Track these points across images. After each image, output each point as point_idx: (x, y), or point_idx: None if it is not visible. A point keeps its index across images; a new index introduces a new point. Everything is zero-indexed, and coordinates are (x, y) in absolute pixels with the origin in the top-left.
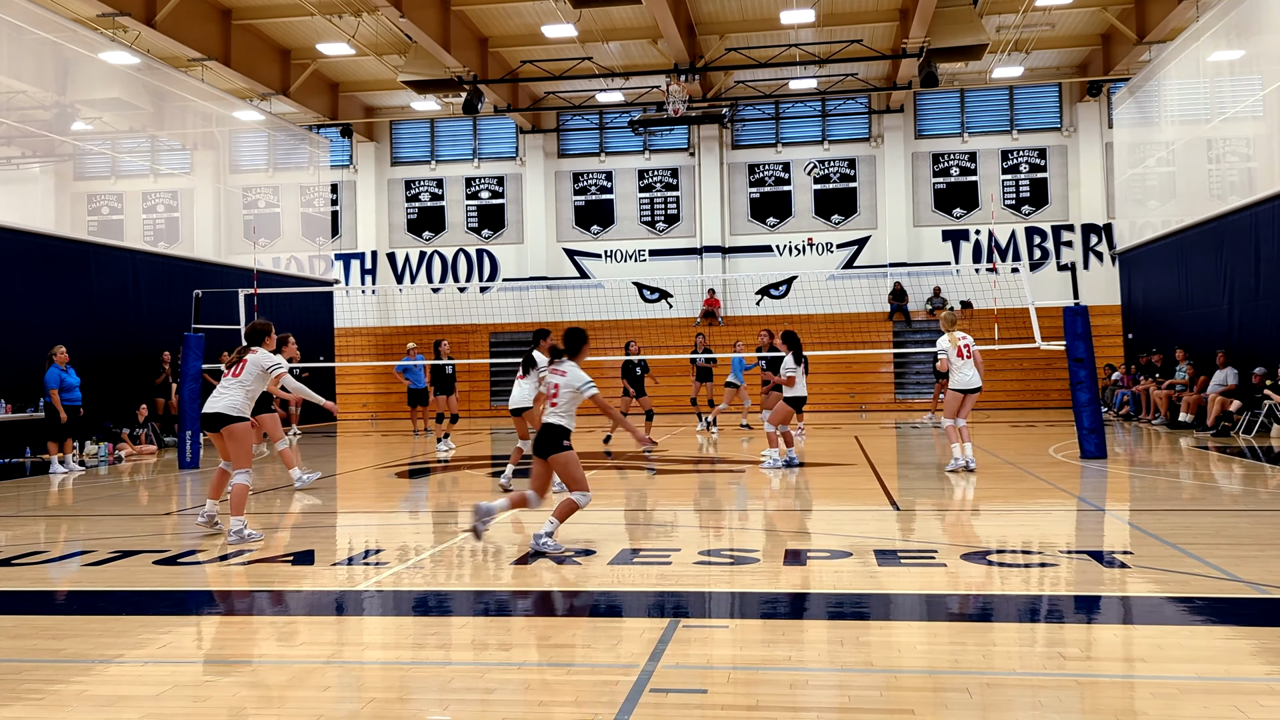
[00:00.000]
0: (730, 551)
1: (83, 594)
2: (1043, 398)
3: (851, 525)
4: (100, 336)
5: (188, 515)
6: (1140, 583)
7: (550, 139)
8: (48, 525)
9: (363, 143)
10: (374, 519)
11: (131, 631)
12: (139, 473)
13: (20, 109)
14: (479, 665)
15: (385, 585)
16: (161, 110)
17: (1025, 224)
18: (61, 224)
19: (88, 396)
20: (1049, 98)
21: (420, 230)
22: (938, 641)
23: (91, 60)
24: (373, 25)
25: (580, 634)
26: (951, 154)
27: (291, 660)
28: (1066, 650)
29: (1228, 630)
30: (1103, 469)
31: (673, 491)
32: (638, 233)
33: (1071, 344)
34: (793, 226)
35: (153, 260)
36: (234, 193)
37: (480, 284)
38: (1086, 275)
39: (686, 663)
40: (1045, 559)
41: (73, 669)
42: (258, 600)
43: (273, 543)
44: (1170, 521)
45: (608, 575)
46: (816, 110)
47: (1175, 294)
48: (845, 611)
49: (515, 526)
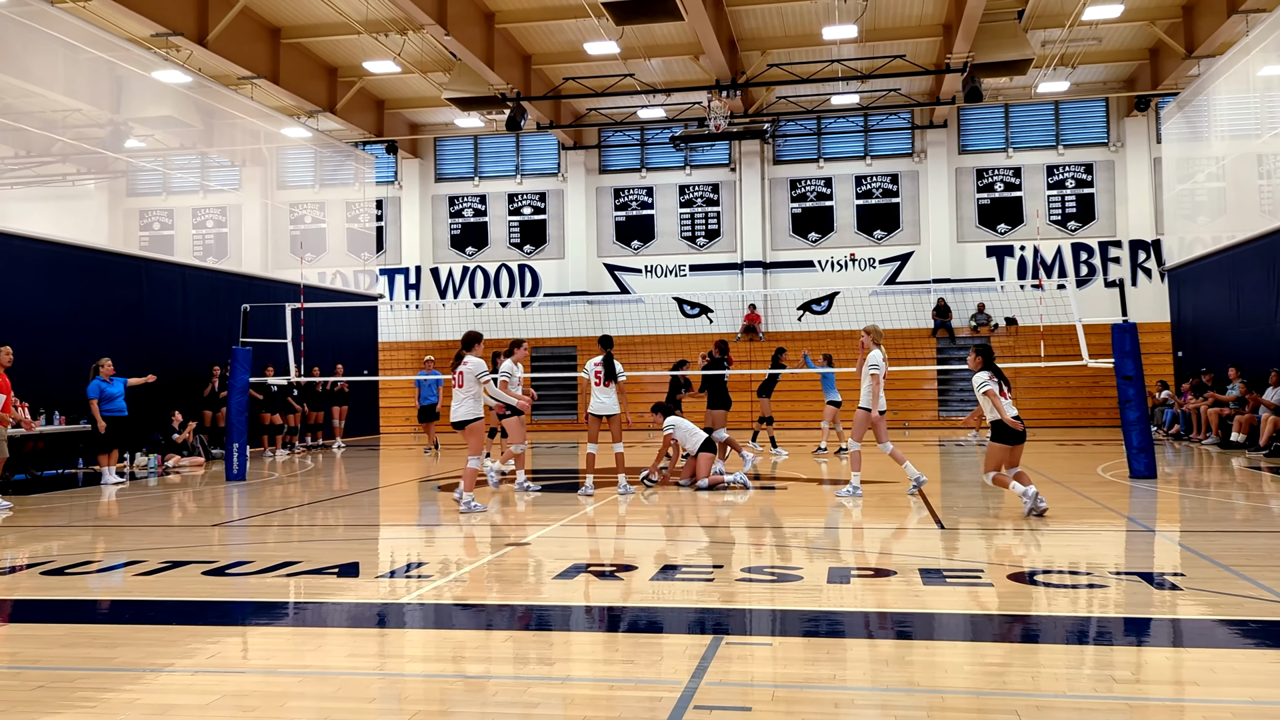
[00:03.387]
0: (773, 569)
1: (133, 603)
2: (1090, 416)
3: (895, 543)
4: (150, 350)
5: (234, 527)
6: (1192, 605)
7: (592, 155)
8: (98, 536)
9: (407, 159)
10: (417, 532)
11: (181, 641)
12: (187, 485)
13: (76, 127)
14: (521, 679)
15: (428, 598)
16: (211, 127)
17: (1071, 240)
18: (114, 239)
19: (135, 409)
20: (1095, 112)
21: (463, 246)
22: (984, 662)
23: (144, 79)
24: (418, 43)
25: (623, 649)
26: (996, 169)
27: (337, 671)
28: (1117, 673)
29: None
30: (1152, 489)
31: (717, 508)
32: (678, 248)
33: (1120, 362)
34: (835, 242)
35: (202, 275)
36: (281, 208)
37: (522, 299)
38: (1135, 292)
39: (730, 680)
40: (1094, 580)
41: (123, 678)
42: (304, 611)
43: (316, 555)
44: (1222, 543)
45: (649, 591)
46: (859, 125)
47: (1226, 311)
48: (889, 631)
49: (561, 544)
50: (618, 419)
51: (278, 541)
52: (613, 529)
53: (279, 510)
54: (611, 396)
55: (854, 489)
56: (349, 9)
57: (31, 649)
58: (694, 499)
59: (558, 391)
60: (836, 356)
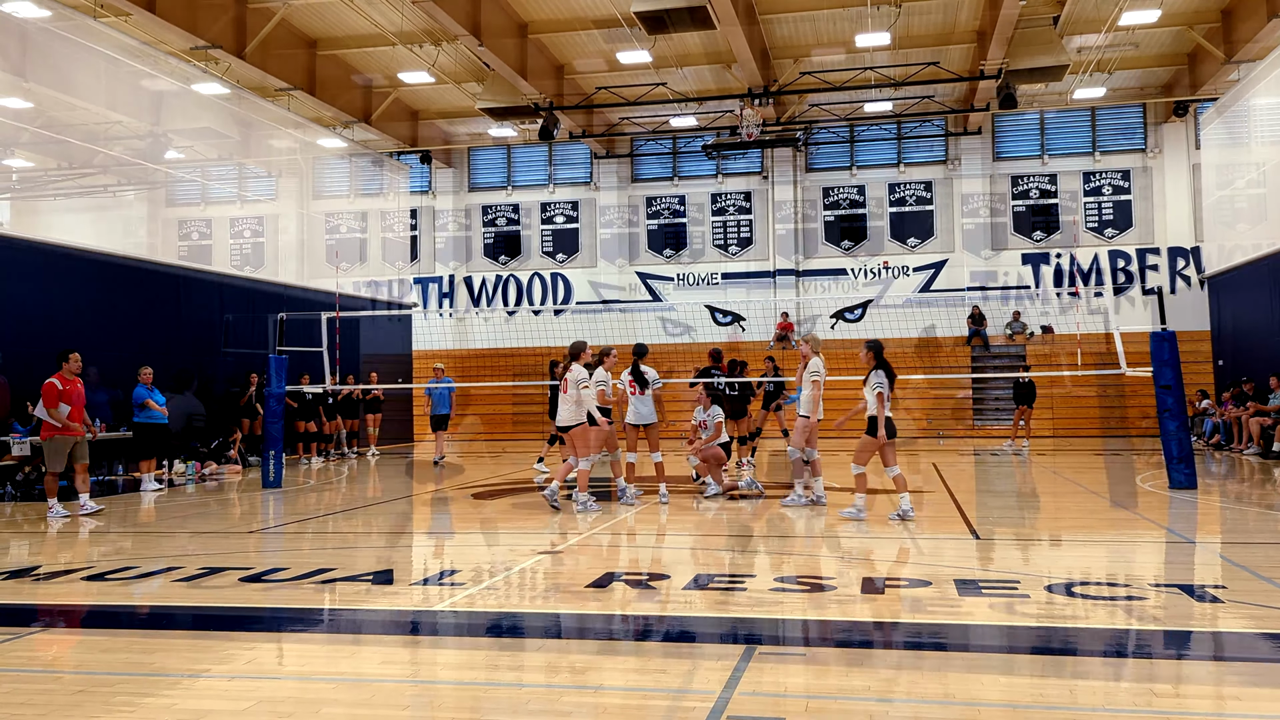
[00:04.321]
0: (806, 579)
1: (172, 610)
2: (1127, 425)
3: (930, 554)
4: (188, 358)
5: (270, 534)
6: (1234, 618)
7: (624, 164)
8: (138, 542)
9: (441, 169)
10: (451, 540)
11: (218, 647)
12: (224, 491)
13: (117, 138)
14: (554, 688)
15: (460, 606)
16: (248, 138)
17: (1108, 247)
18: (154, 249)
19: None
20: (1133, 118)
21: (497, 254)
22: (1020, 674)
23: (184, 91)
24: (452, 54)
25: (655, 659)
26: (1031, 176)
27: (371, 678)
28: (1156, 687)
29: None
30: (1193, 500)
31: (748, 516)
32: (710, 256)
33: (1159, 370)
34: (869, 249)
35: (238, 284)
36: (316, 218)
37: (554, 307)
38: (1173, 300)
39: (763, 690)
40: (1133, 592)
41: (161, 683)
42: (339, 618)
43: (351, 563)
44: (1266, 555)
45: (682, 600)
46: (892, 133)
47: (1268, 319)
48: (924, 642)
49: (594, 552)
50: (655, 428)
51: (313, 548)
52: (646, 537)
53: (314, 517)
54: (648, 405)
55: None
56: (384, 21)
57: (73, 654)
58: (724, 508)
59: None
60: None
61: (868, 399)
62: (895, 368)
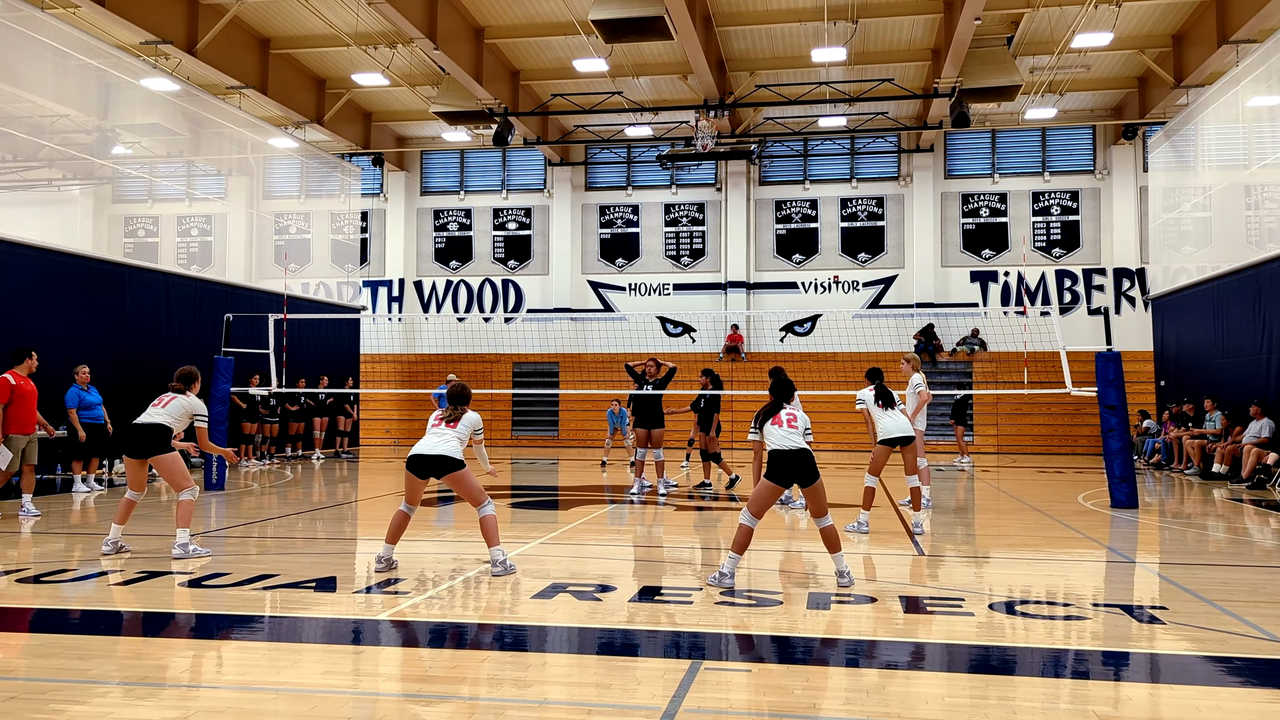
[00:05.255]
0: (752, 593)
1: (109, 614)
2: (1070, 443)
3: (875, 569)
4: (132, 357)
5: (213, 537)
6: (1175, 640)
7: (578, 172)
8: (74, 543)
9: (393, 172)
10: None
11: (156, 653)
12: (165, 493)
13: (62, 132)
14: (497, 701)
15: (404, 615)
16: (198, 136)
17: (1056, 266)
18: (99, 245)
19: (118, 416)
20: (1083, 140)
21: (448, 259)
22: (961, 693)
23: (133, 86)
24: (407, 57)
25: (600, 673)
26: (982, 194)
27: (311, 689)
28: (1098, 709)
29: (1269, 693)
30: (1134, 519)
31: (692, 529)
32: (662, 266)
33: (1103, 390)
34: (819, 264)
35: (185, 283)
36: (266, 218)
37: (505, 314)
38: (1118, 320)
39: (707, 706)
40: (1074, 611)
41: (95, 690)
42: (280, 625)
43: (294, 569)
44: (1206, 576)
45: (627, 613)
46: (845, 148)
47: (1210, 342)
48: (868, 659)
49: (537, 562)
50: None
51: (256, 553)
52: (591, 547)
53: (257, 521)
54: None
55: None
56: (339, 21)
57: (4, 658)
58: (679, 518)
59: (539, 408)
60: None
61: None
62: (842, 383)
